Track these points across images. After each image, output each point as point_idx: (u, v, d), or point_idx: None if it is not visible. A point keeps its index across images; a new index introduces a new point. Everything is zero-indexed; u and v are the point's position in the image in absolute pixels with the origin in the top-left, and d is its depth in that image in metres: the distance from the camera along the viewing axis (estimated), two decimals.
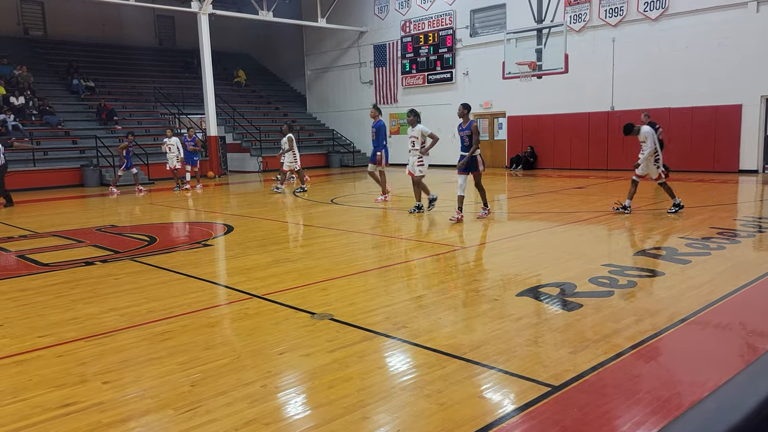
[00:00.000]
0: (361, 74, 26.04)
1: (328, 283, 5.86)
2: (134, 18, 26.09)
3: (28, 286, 6.15)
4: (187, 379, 3.62)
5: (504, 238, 8.29)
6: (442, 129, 23.16)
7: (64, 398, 3.38)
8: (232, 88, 27.09)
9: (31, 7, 24.72)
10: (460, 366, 3.68)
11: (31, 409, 3.25)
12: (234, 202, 14.02)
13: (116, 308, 5.20)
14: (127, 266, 6.95)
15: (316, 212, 11.72)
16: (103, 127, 21.22)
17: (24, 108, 20.12)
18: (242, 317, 4.94)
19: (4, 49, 22.49)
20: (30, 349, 4.22)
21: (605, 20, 18.50)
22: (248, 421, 3.04)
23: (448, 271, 6.59)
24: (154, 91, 23.94)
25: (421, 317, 4.70)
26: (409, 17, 23.73)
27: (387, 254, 7.75)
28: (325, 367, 3.73)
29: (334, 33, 26.14)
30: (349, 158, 25.79)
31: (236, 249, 8.06)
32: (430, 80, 23.40)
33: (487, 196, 9.98)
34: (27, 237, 9.37)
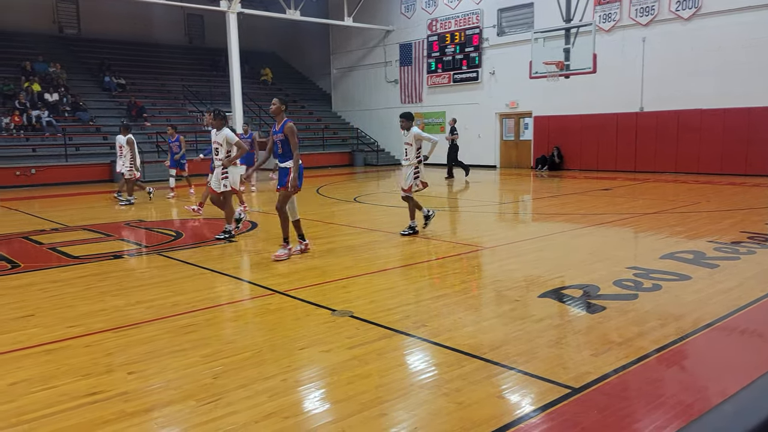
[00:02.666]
0: (386, 73, 26.06)
1: (349, 281, 5.89)
2: (165, 17, 26.49)
3: (58, 278, 6.30)
4: (210, 371, 3.68)
5: (527, 238, 8.23)
6: (469, 129, 23.14)
7: (90, 387, 3.46)
8: (258, 87, 27.35)
9: (66, 6, 25.27)
10: (480, 366, 3.67)
11: (59, 397, 3.34)
12: (258, 199, 14.13)
13: (142, 301, 5.30)
14: (153, 260, 7.07)
15: (338, 210, 11.77)
16: (133, 123, 21.55)
17: (58, 104, 20.60)
18: (264, 312, 5.00)
19: (39, 47, 23.04)
20: (59, 339, 4.33)
21: (636, 20, 18.21)
22: (268, 414, 3.08)
23: (469, 270, 6.57)
24: (182, 89, 24.29)
25: (441, 316, 4.70)
26: (435, 16, 23.67)
27: (408, 253, 7.75)
28: (345, 363, 3.76)
29: (360, 32, 26.21)
30: (373, 157, 25.84)
31: (259, 245, 8.15)
32: (455, 79, 23.31)
33: (301, 229, 7.33)
34: (58, 230, 9.59)
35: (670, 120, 17.89)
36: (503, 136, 22.76)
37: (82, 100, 21.46)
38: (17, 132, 18.97)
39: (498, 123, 22.59)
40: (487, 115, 22.56)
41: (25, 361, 3.92)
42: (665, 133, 18.03)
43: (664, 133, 18.04)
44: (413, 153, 8.48)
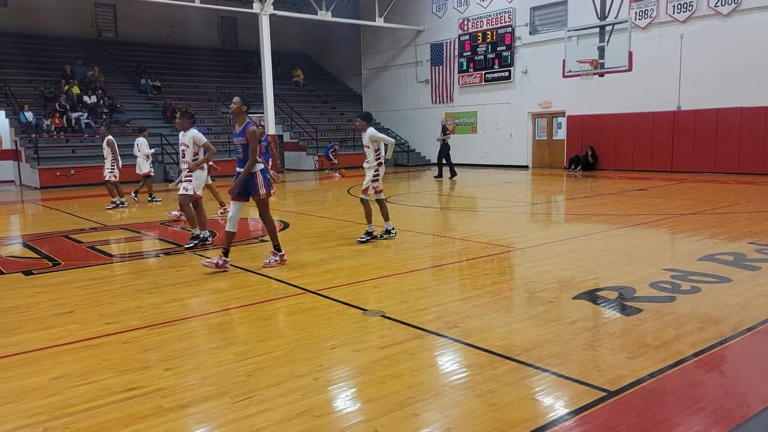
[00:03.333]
0: (417, 73, 26.02)
1: (380, 281, 5.90)
2: (199, 19, 26.95)
3: (97, 276, 6.46)
4: (243, 369, 3.73)
5: (561, 239, 8.12)
6: (502, 129, 22.97)
7: (128, 382, 3.54)
8: (290, 88, 27.60)
9: (104, 10, 25.92)
10: (513, 367, 3.64)
11: (98, 392, 3.43)
12: (290, 200, 14.27)
13: (178, 299, 5.40)
14: (189, 259, 7.20)
15: None
16: (167, 125, 22.02)
17: (96, 106, 21.13)
18: (296, 311, 5.04)
19: (79, 50, 23.69)
20: (98, 335, 4.44)
21: (673, 16, 17.81)
22: (300, 412, 3.11)
23: (502, 272, 6.51)
24: (216, 91, 24.66)
25: (473, 317, 4.67)
26: (467, 15, 23.54)
27: (440, 254, 7.73)
28: (376, 363, 3.77)
29: (392, 32, 26.23)
30: (404, 157, 25.83)
31: (291, 245, 8.21)
32: (487, 79, 23.15)
33: (278, 236, 6.76)
34: (96, 229, 9.84)
35: (708, 118, 17.45)
36: (535, 136, 22.51)
37: (119, 102, 21.98)
38: (57, 133, 19.52)
39: (530, 122, 22.36)
40: (519, 115, 22.35)
41: (65, 357, 4.03)
42: (704, 132, 17.59)
43: (703, 132, 17.61)
44: (372, 155, 7.95)
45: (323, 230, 9.31)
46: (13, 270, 6.84)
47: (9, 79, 20.36)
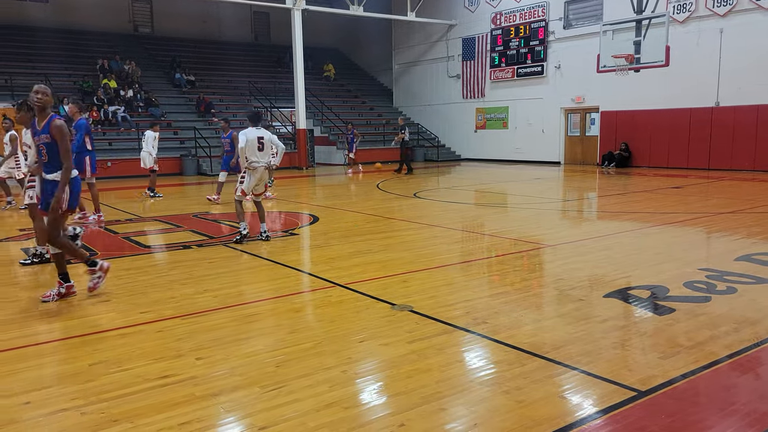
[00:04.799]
0: (448, 68, 25.88)
1: (408, 276, 5.91)
2: (232, 15, 27.26)
3: (132, 266, 6.62)
4: (273, 360, 3.78)
5: (592, 237, 8.01)
6: (533, 124, 22.70)
7: (162, 370, 3.63)
8: (321, 83, 27.73)
9: (141, 6, 26.41)
10: (541, 365, 3.62)
11: (133, 378, 3.52)
12: (320, 194, 14.38)
13: (210, 290, 5.50)
14: (220, 251, 7.32)
15: (398, 206, 11.81)
16: (201, 119, 22.36)
17: (132, 100, 21.57)
18: (325, 304, 5.09)
19: (116, 45, 24.19)
20: (133, 324, 4.55)
21: (713, 10, 17.34)
22: (329, 404, 3.14)
23: (531, 268, 6.46)
24: (248, 85, 24.92)
25: (502, 314, 4.65)
26: (499, 9, 23.31)
27: (469, 249, 7.71)
28: (404, 357, 3.78)
29: (423, 26, 26.13)
30: (433, 153, 25.74)
31: (321, 239, 8.29)
32: (519, 74, 22.90)
33: (65, 264, 5.34)
34: (132, 221, 10.07)
35: (748, 115, 16.96)
36: (568, 132, 22.20)
37: (154, 96, 22.39)
38: (95, 127, 19.97)
39: (563, 118, 22.05)
40: (552, 110, 22.06)
41: (102, 344, 4.15)
42: (743, 129, 17.11)
43: (742, 129, 17.13)
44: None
45: (352, 224, 9.36)
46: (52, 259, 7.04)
47: (50, 73, 20.91)
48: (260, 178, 7.67)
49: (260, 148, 7.57)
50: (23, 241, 8.12)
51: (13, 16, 22.78)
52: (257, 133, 7.62)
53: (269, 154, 7.85)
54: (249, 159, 7.54)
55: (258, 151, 7.57)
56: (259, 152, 7.58)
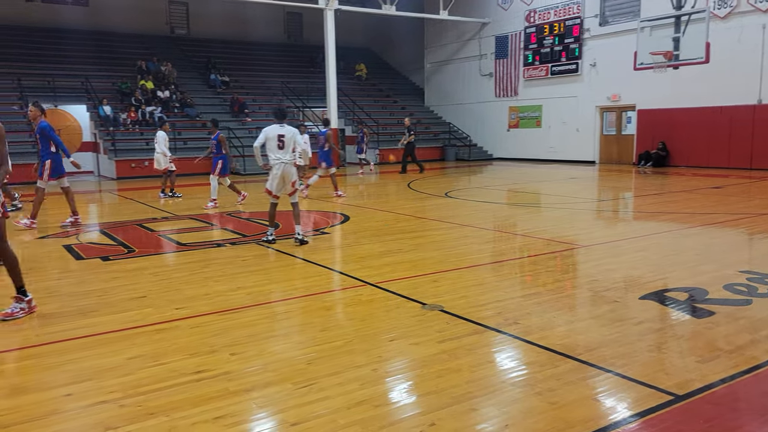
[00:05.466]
0: (480, 66, 25.70)
1: (439, 275, 5.89)
2: (266, 16, 27.54)
3: (167, 263, 6.76)
4: (304, 357, 3.82)
5: (628, 238, 7.86)
6: (567, 123, 22.38)
7: (197, 365, 3.70)
8: (353, 82, 27.84)
9: (177, 8, 26.92)
10: (574, 366, 3.57)
11: (169, 373, 3.60)
12: (350, 193, 14.42)
13: (243, 287, 5.58)
14: (252, 249, 7.42)
15: (429, 205, 11.78)
16: (234, 119, 22.68)
17: (168, 101, 22.01)
18: (356, 303, 5.11)
19: (153, 47, 24.71)
20: (169, 320, 4.65)
21: (755, 5, 16.83)
22: (359, 402, 3.16)
23: (565, 269, 6.38)
24: (281, 85, 25.17)
25: (534, 315, 4.60)
26: (533, 7, 23.04)
27: (501, 249, 7.64)
28: (434, 356, 3.78)
29: (455, 25, 26.00)
30: (465, 152, 25.59)
31: (351, 238, 8.32)
32: (553, 72, 22.60)
33: (21, 275, 4.81)
34: (168, 219, 10.27)
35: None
36: (603, 131, 21.82)
37: (189, 97, 22.79)
38: (133, 127, 20.46)
39: (598, 117, 21.68)
40: (587, 109, 21.71)
41: (139, 339, 4.25)
42: None
43: None
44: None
45: (382, 223, 9.38)
46: (92, 256, 7.25)
47: (89, 74, 21.47)
48: (282, 177, 7.45)
49: (280, 146, 7.39)
50: (64, 238, 8.36)
51: (53, 19, 23.45)
52: (279, 130, 7.41)
53: (290, 152, 7.57)
54: (268, 156, 7.49)
55: (278, 149, 7.39)
56: (279, 150, 7.39)
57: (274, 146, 7.41)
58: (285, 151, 7.43)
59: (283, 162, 7.43)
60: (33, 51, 21.93)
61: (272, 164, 7.47)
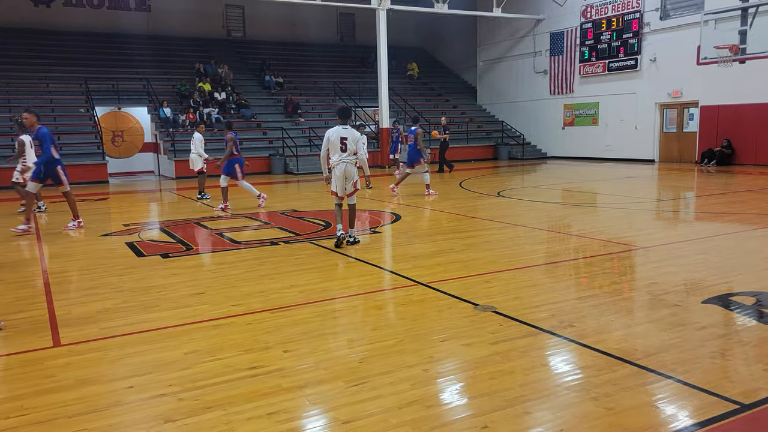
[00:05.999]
0: (535, 64, 25.25)
1: (492, 276, 5.82)
2: (319, 17, 27.89)
3: (224, 260, 6.93)
4: (356, 355, 3.85)
5: (689, 239, 7.56)
6: (625, 121, 21.72)
7: (251, 361, 3.78)
8: (405, 81, 27.84)
9: (234, 11, 27.59)
10: (632, 372, 3.46)
11: (225, 368, 3.69)
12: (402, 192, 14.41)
13: (296, 285, 5.67)
14: (306, 248, 7.52)
15: (481, 204, 11.66)
16: (288, 119, 23.06)
17: (225, 102, 22.58)
18: (407, 302, 5.11)
19: (211, 50, 25.41)
20: (225, 316, 4.77)
21: None
22: (410, 402, 3.16)
23: (623, 271, 6.19)
24: (333, 86, 25.43)
25: (590, 317, 4.49)
26: (590, 2, 22.46)
27: (555, 250, 7.49)
28: (487, 358, 3.73)
29: (509, 22, 25.63)
30: (518, 151, 25.19)
31: (403, 237, 8.32)
32: (611, 68, 21.97)
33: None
34: (224, 217, 10.54)
35: None
36: (663, 128, 21.06)
37: (245, 98, 23.32)
38: (191, 128, 21.08)
39: (658, 114, 20.94)
40: (646, 106, 21.00)
41: (196, 334, 4.38)
42: None
43: None
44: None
45: (434, 223, 9.34)
46: (153, 253, 7.52)
47: (151, 77, 22.27)
48: (344, 176, 7.36)
49: (343, 149, 7.31)
50: (127, 236, 8.70)
51: (117, 25, 24.44)
52: (341, 132, 7.32)
53: (352, 153, 7.37)
54: (330, 157, 7.44)
55: (341, 151, 7.31)
56: (342, 152, 7.31)
57: (336, 148, 7.32)
58: (348, 153, 7.33)
59: (344, 161, 7.32)
60: (98, 56, 22.92)
61: (334, 164, 7.36)
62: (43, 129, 8.95)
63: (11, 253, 7.74)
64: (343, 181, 7.38)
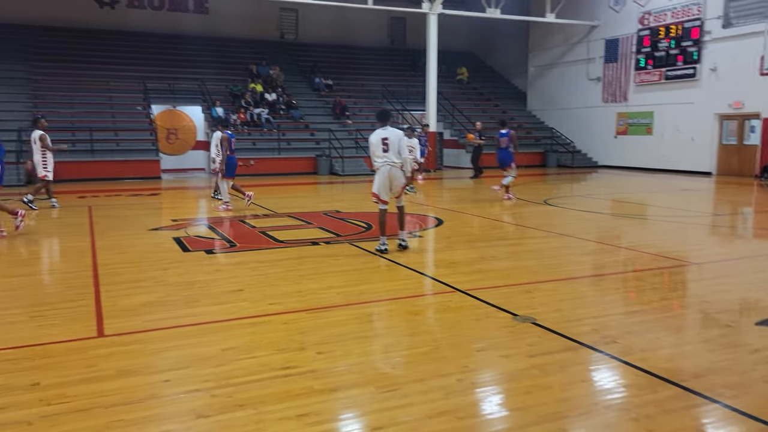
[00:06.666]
0: (588, 70, 24.68)
1: (533, 286, 5.69)
2: (371, 21, 28.03)
3: (265, 259, 7.01)
4: (389, 361, 3.81)
5: (746, 256, 7.22)
6: (681, 131, 20.99)
7: (285, 361, 3.79)
8: (454, 86, 27.68)
9: (288, 15, 28.02)
10: (677, 393, 3.30)
11: (259, 366, 3.71)
12: (446, 197, 14.32)
13: (334, 286, 5.67)
14: (346, 249, 7.53)
15: (527, 212, 11.45)
16: (335, 121, 23.25)
17: (275, 103, 22.95)
18: (444, 309, 5.04)
19: (264, 52, 25.88)
20: (262, 314, 4.81)
21: None
22: (442, 412, 3.09)
23: (673, 287, 5.95)
24: (381, 89, 25.51)
25: (635, 334, 4.32)
26: (648, 9, 21.82)
27: (602, 262, 7.26)
28: (524, 371, 3.63)
29: (562, 28, 25.15)
30: (568, 158, 24.66)
31: (444, 242, 8.25)
32: (668, 77, 21.26)
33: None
34: (268, 216, 10.69)
35: None
36: (722, 140, 20.23)
37: (294, 99, 23.65)
38: (242, 127, 21.51)
39: (717, 125, 20.14)
40: (704, 116, 20.22)
41: (234, 331, 4.43)
42: None
43: None
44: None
45: (477, 229, 9.22)
46: (198, 248, 7.67)
47: (205, 78, 22.83)
48: (388, 179, 7.23)
49: (385, 150, 7.19)
50: (175, 231, 8.92)
51: (175, 26, 25.15)
52: (382, 134, 7.20)
53: (397, 154, 7.22)
54: (373, 159, 7.37)
55: (383, 152, 7.19)
56: (384, 153, 7.18)
57: (378, 150, 7.22)
58: (391, 154, 7.18)
59: (388, 164, 7.19)
60: (157, 56, 23.64)
61: (378, 167, 7.25)
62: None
63: (67, 245, 8.04)
64: (388, 184, 7.27)
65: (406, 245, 7.38)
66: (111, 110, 20.98)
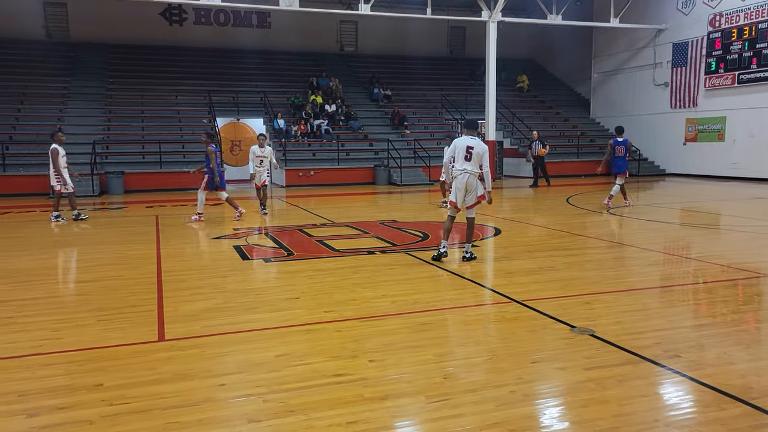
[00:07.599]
0: (654, 76, 23.84)
1: (592, 297, 5.51)
2: (430, 31, 28.12)
3: (321, 267, 7.09)
4: (441, 370, 3.77)
5: None
6: (756, 137, 19.94)
7: (337, 369, 3.81)
8: (513, 94, 27.33)
9: (347, 27, 28.49)
10: (745, 412, 3.11)
11: (311, 373, 3.75)
12: (505, 206, 14.10)
13: (388, 295, 5.67)
14: (401, 258, 7.53)
15: (588, 221, 11.12)
16: (394, 131, 23.37)
17: (335, 114, 23.31)
18: (500, 320, 4.95)
19: (324, 64, 26.38)
20: (317, 321, 4.86)
21: None
22: (493, 424, 3.03)
23: (746, 300, 5.63)
24: (440, 98, 25.47)
25: (702, 348, 4.11)
26: (719, 10, 20.89)
27: (667, 273, 6.96)
28: (580, 384, 3.52)
29: (627, 33, 24.41)
30: (634, 166, 23.78)
31: (501, 252, 8.11)
32: (741, 80, 20.26)
33: None
34: (326, 225, 10.83)
35: None
36: None
37: (353, 110, 23.94)
38: (302, 138, 21.96)
39: None
40: None
41: (289, 337, 4.50)
42: None
43: None
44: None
45: (535, 239, 9.03)
46: (257, 257, 7.86)
47: (267, 90, 23.48)
48: (465, 188, 7.13)
49: (467, 158, 7.11)
50: (236, 239, 9.17)
51: (239, 41, 26.02)
52: (469, 142, 7.15)
53: (477, 166, 7.11)
54: (450, 165, 7.31)
55: (465, 160, 7.11)
56: (466, 162, 7.11)
57: (461, 157, 7.17)
58: (472, 163, 7.13)
59: (467, 172, 7.12)
60: (221, 70, 24.51)
61: (456, 174, 7.20)
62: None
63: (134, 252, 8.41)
64: (464, 193, 7.19)
65: (470, 257, 7.28)
66: (179, 123, 21.87)
